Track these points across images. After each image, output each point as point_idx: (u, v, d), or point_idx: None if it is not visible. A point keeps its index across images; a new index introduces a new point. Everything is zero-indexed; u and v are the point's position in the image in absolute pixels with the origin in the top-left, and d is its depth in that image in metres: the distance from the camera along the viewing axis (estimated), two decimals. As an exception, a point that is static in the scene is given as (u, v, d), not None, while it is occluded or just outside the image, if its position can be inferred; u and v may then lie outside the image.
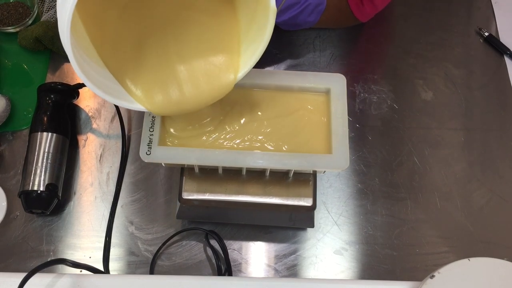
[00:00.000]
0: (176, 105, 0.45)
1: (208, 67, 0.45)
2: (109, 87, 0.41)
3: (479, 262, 0.43)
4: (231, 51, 0.45)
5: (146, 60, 0.45)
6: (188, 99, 0.45)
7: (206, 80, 0.45)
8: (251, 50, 0.44)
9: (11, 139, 0.68)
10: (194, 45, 0.45)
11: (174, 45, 0.45)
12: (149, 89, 0.44)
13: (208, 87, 0.45)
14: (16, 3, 0.73)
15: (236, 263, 0.61)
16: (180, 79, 0.45)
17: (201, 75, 0.45)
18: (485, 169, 0.68)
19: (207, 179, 0.54)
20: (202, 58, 0.45)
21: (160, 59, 0.45)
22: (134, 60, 0.45)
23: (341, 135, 0.50)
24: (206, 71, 0.45)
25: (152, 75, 0.45)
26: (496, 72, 0.75)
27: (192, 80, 0.45)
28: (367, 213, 0.64)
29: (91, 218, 0.64)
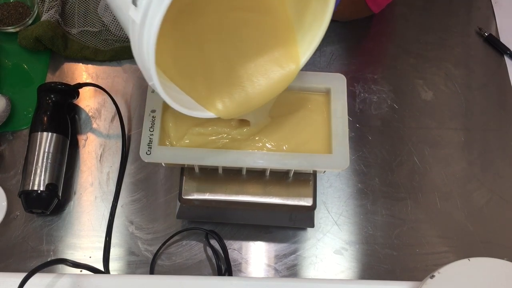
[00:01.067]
0: (243, 106, 0.45)
1: (268, 62, 0.45)
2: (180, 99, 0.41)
3: (479, 262, 0.43)
4: (287, 43, 0.45)
5: (207, 67, 0.45)
6: (253, 97, 0.45)
7: (268, 76, 0.45)
8: (308, 38, 0.44)
9: (11, 139, 0.68)
10: (250, 44, 0.46)
11: (231, 48, 0.46)
12: (215, 95, 0.44)
13: (271, 82, 0.45)
14: (16, 3, 0.73)
15: (236, 263, 0.61)
16: (243, 80, 0.45)
17: (263, 71, 0.45)
18: (485, 169, 0.68)
19: (207, 179, 0.54)
20: (261, 55, 0.45)
21: (220, 64, 0.45)
22: (195, 69, 0.45)
23: (341, 135, 0.50)
24: (267, 67, 0.45)
25: (214, 81, 0.45)
26: (496, 72, 0.75)
27: (255, 78, 0.45)
28: (367, 213, 0.64)
29: (91, 218, 0.64)
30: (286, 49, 0.45)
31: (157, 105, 0.50)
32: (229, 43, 0.46)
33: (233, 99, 0.44)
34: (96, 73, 0.73)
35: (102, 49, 0.73)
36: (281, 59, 0.45)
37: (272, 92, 0.45)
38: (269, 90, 0.45)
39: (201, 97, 0.43)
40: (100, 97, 0.71)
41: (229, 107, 0.44)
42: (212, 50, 0.45)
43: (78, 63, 0.74)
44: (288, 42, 0.45)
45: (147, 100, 0.51)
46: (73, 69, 0.73)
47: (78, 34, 0.73)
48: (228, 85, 0.45)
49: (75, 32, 0.73)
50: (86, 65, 0.73)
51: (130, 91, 0.71)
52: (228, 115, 0.44)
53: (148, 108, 0.50)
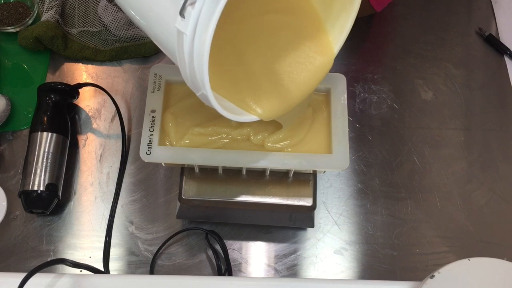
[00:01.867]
0: (285, 104, 0.45)
1: (304, 57, 0.46)
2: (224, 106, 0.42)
3: (479, 262, 0.43)
4: (319, 35, 0.47)
5: (245, 71, 0.46)
6: (294, 94, 0.45)
7: (306, 70, 0.46)
8: (338, 27, 0.46)
9: (11, 139, 0.68)
10: (284, 43, 0.47)
11: (267, 50, 0.46)
12: (256, 98, 0.45)
13: (308, 75, 0.46)
14: (16, 3, 0.73)
15: (236, 263, 0.61)
16: (282, 79, 0.46)
17: (300, 67, 0.46)
18: (485, 169, 0.68)
19: (207, 179, 0.54)
20: (296, 52, 0.46)
21: (258, 66, 0.46)
22: (234, 75, 0.45)
23: (341, 135, 0.50)
24: (303, 61, 0.46)
25: (254, 84, 0.45)
26: (496, 72, 0.75)
27: (293, 75, 0.46)
28: (367, 213, 0.64)
29: (91, 218, 0.64)
30: (319, 41, 0.46)
31: (157, 105, 0.50)
32: (263, 45, 0.47)
33: (274, 99, 0.45)
34: (96, 73, 0.73)
35: (102, 49, 0.73)
36: (315, 51, 0.46)
37: (311, 85, 0.46)
38: (308, 84, 0.46)
39: (243, 101, 0.44)
40: (100, 97, 0.71)
41: (271, 107, 0.44)
42: (249, 53, 0.46)
43: (78, 63, 0.74)
44: (319, 34, 0.47)
45: (147, 100, 0.51)
46: (73, 69, 0.73)
47: (78, 34, 0.73)
48: (267, 86, 0.45)
49: (75, 32, 0.73)
50: (86, 65, 0.73)
51: (130, 91, 0.71)
52: (271, 116, 0.45)
53: (148, 108, 0.50)
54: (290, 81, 0.46)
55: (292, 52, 0.46)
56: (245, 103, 0.44)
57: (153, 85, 0.52)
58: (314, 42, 0.47)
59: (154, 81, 0.52)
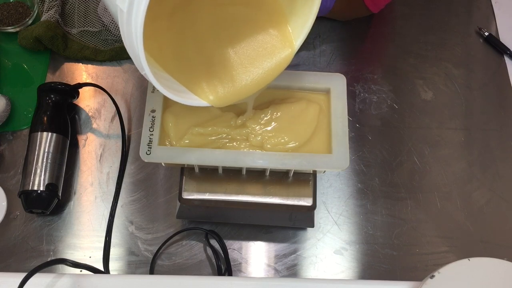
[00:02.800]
0: (237, 95, 0.46)
1: (263, 49, 0.47)
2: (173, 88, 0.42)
3: (479, 262, 0.43)
4: (281, 29, 0.47)
5: (202, 57, 0.46)
6: (247, 85, 0.46)
7: (263, 62, 0.46)
8: (301, 22, 0.46)
9: (11, 139, 0.68)
10: (244, 33, 0.47)
11: (226, 38, 0.47)
12: (209, 84, 0.45)
13: (266, 67, 0.46)
14: (16, 3, 0.73)
15: (236, 263, 0.61)
16: (238, 68, 0.46)
17: (258, 58, 0.47)
18: (485, 169, 0.68)
19: (207, 179, 0.54)
20: (255, 43, 0.47)
21: (214, 53, 0.46)
22: (190, 60, 0.46)
23: (341, 135, 0.50)
24: (262, 53, 0.47)
25: (209, 71, 0.46)
26: (496, 72, 0.75)
27: (250, 65, 0.46)
28: (367, 213, 0.64)
29: (91, 218, 0.64)
30: (280, 34, 0.47)
31: (157, 105, 0.50)
32: (224, 35, 0.47)
33: (227, 86, 0.45)
34: (96, 73, 0.73)
35: (102, 49, 0.73)
36: (276, 45, 0.47)
37: (267, 78, 0.47)
38: (264, 76, 0.46)
39: (196, 86, 0.44)
40: (100, 97, 0.71)
41: (222, 95, 0.45)
42: (208, 41, 0.46)
43: (78, 63, 0.74)
44: (281, 27, 0.47)
45: (147, 100, 0.51)
46: (73, 69, 0.73)
47: (78, 34, 0.73)
48: (223, 74, 0.46)
49: (75, 32, 0.73)
50: (86, 65, 0.73)
51: (130, 91, 0.71)
52: (221, 103, 0.45)
53: (148, 108, 0.50)
54: (246, 72, 0.46)
55: (252, 44, 0.47)
56: (198, 88, 0.44)
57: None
58: (275, 35, 0.47)
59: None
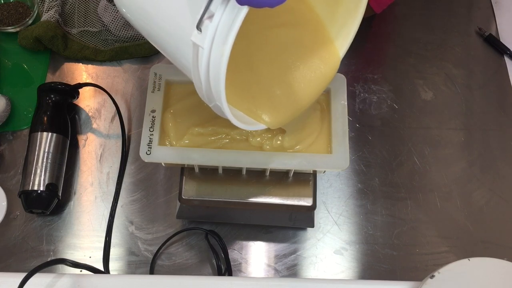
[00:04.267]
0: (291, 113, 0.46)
1: (309, 65, 0.47)
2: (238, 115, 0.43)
3: (479, 262, 0.43)
4: (323, 42, 0.48)
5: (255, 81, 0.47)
6: (300, 102, 0.47)
7: (311, 77, 0.47)
8: (344, 32, 0.46)
9: (11, 139, 0.68)
10: (291, 53, 0.48)
11: (275, 61, 0.47)
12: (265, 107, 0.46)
13: (314, 82, 0.47)
14: (16, 3, 0.73)
15: (236, 263, 0.61)
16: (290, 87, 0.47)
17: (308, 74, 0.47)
18: (485, 169, 0.68)
19: (207, 179, 0.54)
20: (303, 60, 0.47)
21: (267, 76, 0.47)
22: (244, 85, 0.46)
23: (341, 135, 0.50)
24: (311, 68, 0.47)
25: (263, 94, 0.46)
26: (496, 72, 0.75)
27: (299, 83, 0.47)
28: (367, 213, 0.64)
29: (91, 218, 0.64)
30: (324, 48, 0.47)
31: (157, 105, 0.50)
32: (273, 56, 0.47)
33: (281, 107, 0.46)
34: (96, 73, 0.73)
35: (102, 49, 0.73)
36: (321, 59, 0.47)
37: (317, 92, 0.47)
38: (314, 91, 0.47)
39: (251, 110, 0.45)
40: (100, 97, 0.71)
41: (278, 116, 0.45)
42: (259, 64, 0.47)
43: (78, 63, 0.74)
44: (325, 41, 0.47)
45: (147, 100, 0.51)
46: (73, 69, 0.73)
47: (78, 34, 0.73)
48: (275, 95, 0.46)
49: (75, 32, 0.73)
50: (86, 65, 0.73)
51: (130, 91, 0.71)
52: (278, 124, 0.46)
53: (148, 108, 0.50)
54: (297, 89, 0.46)
55: (299, 61, 0.47)
56: (253, 112, 0.45)
57: (153, 85, 0.52)
58: (320, 49, 0.47)
59: (154, 81, 0.52)
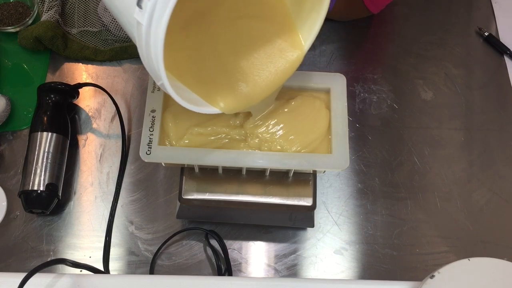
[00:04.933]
0: (248, 99, 0.46)
1: (273, 54, 0.47)
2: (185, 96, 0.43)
3: (479, 262, 0.43)
4: (289, 32, 0.48)
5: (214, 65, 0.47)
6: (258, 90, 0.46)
7: (274, 66, 0.47)
8: (309, 24, 0.46)
9: (11, 139, 0.68)
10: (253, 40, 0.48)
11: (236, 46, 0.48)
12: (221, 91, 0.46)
13: (276, 72, 0.47)
14: (16, 3, 0.73)
15: (236, 263, 0.61)
16: (249, 74, 0.47)
17: (268, 63, 0.47)
18: (485, 169, 0.68)
19: (207, 179, 0.54)
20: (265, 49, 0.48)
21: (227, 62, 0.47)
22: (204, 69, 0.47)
23: (341, 135, 0.50)
24: (272, 58, 0.47)
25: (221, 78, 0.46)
26: (496, 72, 0.75)
27: (261, 71, 0.47)
28: (367, 213, 0.64)
29: (91, 218, 0.64)
30: (288, 38, 0.47)
31: (157, 105, 0.50)
32: (236, 44, 0.47)
33: (238, 93, 0.46)
34: (96, 73, 0.73)
35: (102, 49, 0.73)
36: (285, 48, 0.47)
37: (277, 82, 0.47)
38: (274, 80, 0.47)
39: (207, 94, 0.45)
40: (100, 97, 0.71)
41: (233, 102, 0.45)
42: (221, 51, 0.47)
43: (78, 63, 0.74)
44: (289, 31, 0.48)
45: (147, 100, 0.51)
46: (73, 69, 0.73)
47: (78, 34, 0.73)
48: (234, 81, 0.46)
49: (75, 32, 0.73)
50: (86, 65, 0.73)
51: (130, 91, 0.71)
52: (232, 110, 0.46)
53: (148, 108, 0.50)
54: (258, 79, 0.46)
55: (263, 52, 0.47)
56: (211, 96, 0.45)
57: (153, 85, 0.52)
58: (284, 40, 0.47)
59: (154, 80, 0.52)
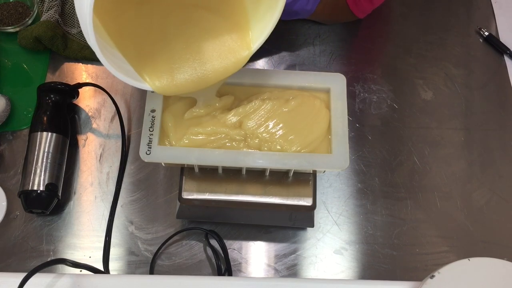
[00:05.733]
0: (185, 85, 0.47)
1: (221, 47, 0.48)
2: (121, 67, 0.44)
3: (479, 262, 0.43)
4: (241, 30, 0.48)
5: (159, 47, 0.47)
6: (200, 78, 0.47)
7: (220, 59, 0.48)
8: (261, 26, 0.47)
9: (11, 139, 0.68)
10: (205, 28, 0.48)
11: (186, 35, 0.48)
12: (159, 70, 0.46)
13: (222, 65, 0.48)
14: (16, 3, 0.73)
15: (236, 263, 0.61)
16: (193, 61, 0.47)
17: (215, 55, 0.48)
18: (485, 169, 0.68)
19: (207, 179, 0.54)
20: (215, 40, 0.48)
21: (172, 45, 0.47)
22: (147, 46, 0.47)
23: (341, 135, 0.50)
24: (220, 51, 0.48)
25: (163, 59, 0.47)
26: (496, 72, 0.75)
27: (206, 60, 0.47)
28: (367, 213, 0.64)
29: (91, 218, 0.64)
30: (239, 35, 0.48)
31: (157, 105, 0.50)
32: (185, 31, 0.48)
33: (176, 78, 0.47)
34: (96, 73, 0.73)
35: (102, 49, 0.73)
36: (234, 44, 0.48)
37: (220, 75, 0.48)
38: (217, 73, 0.47)
39: (144, 69, 0.46)
40: (100, 97, 0.71)
41: (169, 84, 0.46)
42: (169, 34, 0.48)
43: (78, 63, 0.73)
44: (242, 29, 0.48)
45: (147, 100, 0.51)
46: (73, 69, 0.73)
47: (78, 34, 0.73)
48: (174, 64, 0.47)
49: (75, 32, 0.73)
50: (86, 65, 0.73)
51: (130, 91, 0.71)
52: (165, 91, 0.47)
53: (148, 108, 0.50)
54: (201, 70, 0.47)
55: (212, 43, 0.48)
56: (146, 72, 0.45)
57: (153, 85, 0.51)
58: (235, 37, 0.48)
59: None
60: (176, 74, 0.47)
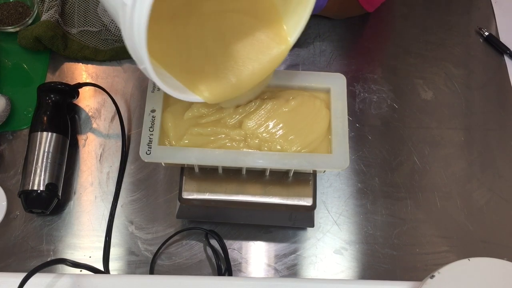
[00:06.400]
0: (231, 91, 0.47)
1: (258, 46, 0.48)
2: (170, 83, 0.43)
3: (479, 262, 0.43)
4: (275, 26, 0.48)
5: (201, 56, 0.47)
6: (241, 82, 0.47)
7: (259, 59, 0.47)
8: (295, 19, 0.47)
9: (11, 139, 0.68)
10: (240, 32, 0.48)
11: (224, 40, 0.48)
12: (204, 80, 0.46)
13: (260, 65, 0.47)
14: (16, 3, 0.73)
15: (236, 262, 0.61)
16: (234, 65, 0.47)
17: (253, 55, 0.48)
18: (485, 169, 0.68)
19: (207, 179, 0.54)
20: (250, 41, 0.48)
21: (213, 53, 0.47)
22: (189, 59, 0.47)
23: (341, 135, 0.50)
24: (257, 50, 0.48)
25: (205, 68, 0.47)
26: (496, 72, 0.75)
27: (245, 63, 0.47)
28: (367, 213, 0.64)
29: (91, 218, 0.64)
30: (274, 32, 0.48)
31: (157, 105, 0.50)
32: (221, 34, 0.48)
33: (223, 84, 0.46)
34: (96, 73, 0.73)
35: (102, 49, 0.73)
36: (270, 41, 0.48)
37: (261, 75, 0.47)
38: (260, 72, 0.47)
39: (192, 83, 0.45)
40: (100, 97, 0.71)
41: (219, 92, 0.46)
42: (208, 43, 0.47)
43: (78, 63, 0.74)
44: (276, 26, 0.48)
45: (147, 99, 0.51)
46: (73, 69, 0.73)
47: (78, 34, 0.73)
48: (219, 71, 0.47)
49: (75, 32, 0.73)
50: (86, 65, 0.73)
51: (130, 91, 0.71)
52: (215, 100, 0.46)
53: (148, 108, 0.50)
54: (243, 69, 0.47)
55: (249, 44, 0.48)
56: (194, 85, 0.45)
57: (153, 85, 0.52)
58: (271, 33, 0.48)
59: (154, 81, 0.52)
60: (223, 81, 0.46)
